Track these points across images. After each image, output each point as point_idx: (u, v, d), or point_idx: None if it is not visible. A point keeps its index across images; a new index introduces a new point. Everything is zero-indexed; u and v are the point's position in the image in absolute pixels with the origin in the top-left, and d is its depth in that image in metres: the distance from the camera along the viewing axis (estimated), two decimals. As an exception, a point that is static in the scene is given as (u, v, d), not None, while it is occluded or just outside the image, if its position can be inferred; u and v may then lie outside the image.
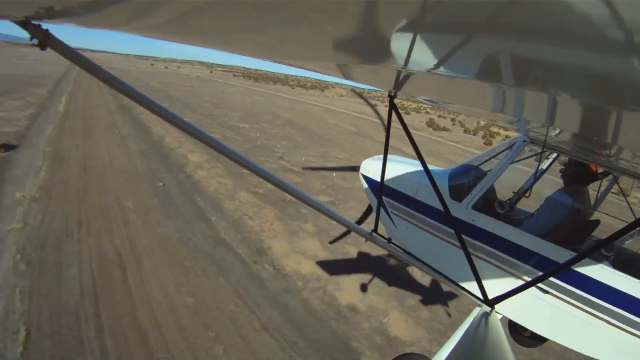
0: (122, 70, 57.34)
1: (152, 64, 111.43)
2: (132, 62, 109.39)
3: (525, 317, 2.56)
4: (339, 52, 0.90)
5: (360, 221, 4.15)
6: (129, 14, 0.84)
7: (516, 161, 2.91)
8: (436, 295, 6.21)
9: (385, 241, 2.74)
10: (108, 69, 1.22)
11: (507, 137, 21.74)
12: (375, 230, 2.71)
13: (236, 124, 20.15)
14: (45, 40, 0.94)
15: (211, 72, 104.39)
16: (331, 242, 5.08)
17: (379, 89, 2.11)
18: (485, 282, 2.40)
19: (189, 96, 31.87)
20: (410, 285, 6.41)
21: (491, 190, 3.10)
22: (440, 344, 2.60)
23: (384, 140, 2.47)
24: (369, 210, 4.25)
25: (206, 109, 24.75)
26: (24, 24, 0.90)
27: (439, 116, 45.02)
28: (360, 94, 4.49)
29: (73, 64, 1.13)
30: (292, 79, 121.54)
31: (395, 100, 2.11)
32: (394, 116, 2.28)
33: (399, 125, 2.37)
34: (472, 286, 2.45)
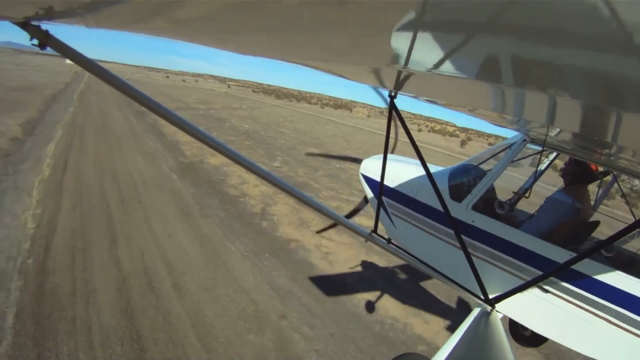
0: (143, 83, 47.23)
1: (167, 77, 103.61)
2: (147, 75, 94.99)
3: (526, 317, 2.56)
4: (340, 51, 0.90)
5: (350, 215, 4.17)
6: (130, 14, 0.84)
7: (516, 160, 2.90)
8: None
9: (385, 241, 2.74)
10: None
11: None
12: (374, 230, 2.71)
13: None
14: (45, 41, 0.94)
15: (229, 87, 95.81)
16: (318, 232, 5.13)
17: (379, 89, 2.11)
18: (485, 282, 2.40)
19: (261, 128, 21.62)
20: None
21: (491, 191, 3.09)
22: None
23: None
24: (361, 204, 4.30)
25: (323, 159, 14.77)
26: (24, 24, 0.90)
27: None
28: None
29: (78, 74, 1.12)
30: (307, 95, 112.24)
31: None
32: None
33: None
34: (472, 286, 2.45)
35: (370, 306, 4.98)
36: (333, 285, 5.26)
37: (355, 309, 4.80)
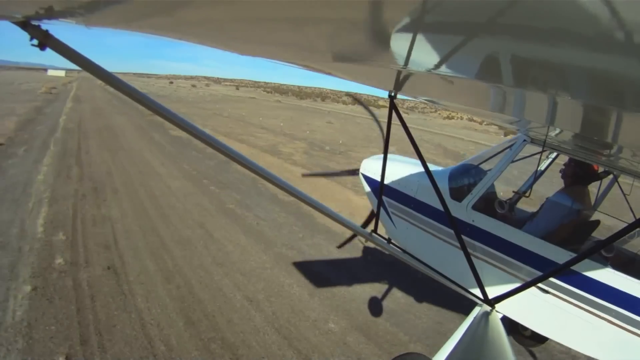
0: (162, 97, 34.14)
1: (171, 82, 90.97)
2: (145, 82, 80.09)
3: (526, 317, 2.56)
4: (340, 52, 0.90)
5: (365, 224, 4.12)
6: (130, 14, 0.84)
7: (516, 161, 2.90)
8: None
9: (385, 241, 2.74)
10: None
11: None
12: (375, 230, 2.71)
13: None
14: (45, 41, 0.94)
15: (237, 88, 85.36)
16: (339, 247, 4.98)
17: (379, 89, 2.12)
18: (485, 282, 2.40)
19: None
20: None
21: (491, 191, 3.09)
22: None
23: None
24: (373, 214, 4.24)
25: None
26: (24, 24, 0.90)
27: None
28: (359, 100, 4.36)
29: (49, 101, 1.09)
30: (313, 91, 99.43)
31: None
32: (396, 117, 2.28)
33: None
34: (472, 286, 2.45)
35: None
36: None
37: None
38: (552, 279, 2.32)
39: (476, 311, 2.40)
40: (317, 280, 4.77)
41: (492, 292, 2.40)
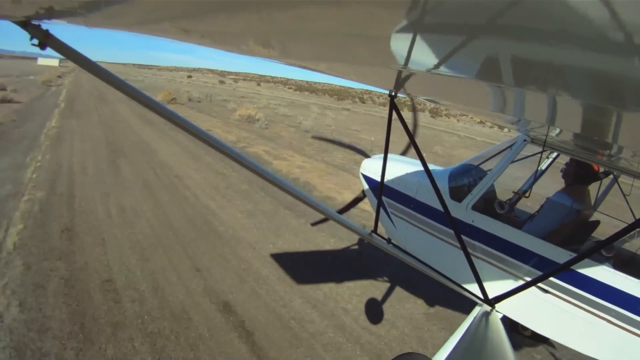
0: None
1: (190, 76, 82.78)
2: (158, 75, 76.92)
3: (526, 316, 2.56)
4: (340, 51, 0.90)
5: (343, 210, 4.17)
6: (131, 14, 0.84)
7: (516, 161, 2.90)
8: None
9: (385, 241, 2.74)
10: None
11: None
12: (374, 230, 2.71)
13: None
14: (46, 40, 0.94)
15: (258, 85, 79.59)
16: (313, 225, 5.44)
17: (380, 89, 2.12)
18: (485, 282, 2.40)
19: None
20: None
21: (491, 191, 3.09)
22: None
23: None
24: (355, 200, 4.30)
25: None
26: (24, 24, 0.90)
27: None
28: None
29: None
30: (321, 88, 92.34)
31: None
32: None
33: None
34: (472, 286, 2.45)
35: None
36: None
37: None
38: (552, 279, 2.32)
39: (476, 311, 2.40)
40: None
41: (492, 291, 2.40)
